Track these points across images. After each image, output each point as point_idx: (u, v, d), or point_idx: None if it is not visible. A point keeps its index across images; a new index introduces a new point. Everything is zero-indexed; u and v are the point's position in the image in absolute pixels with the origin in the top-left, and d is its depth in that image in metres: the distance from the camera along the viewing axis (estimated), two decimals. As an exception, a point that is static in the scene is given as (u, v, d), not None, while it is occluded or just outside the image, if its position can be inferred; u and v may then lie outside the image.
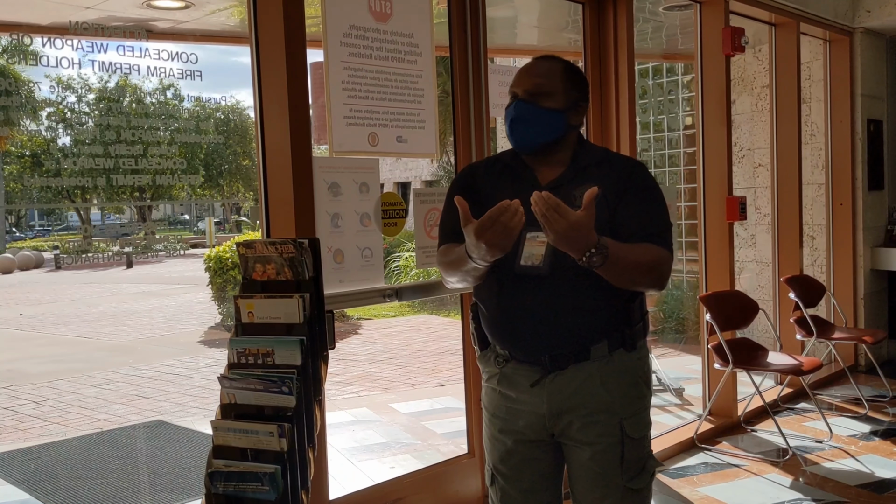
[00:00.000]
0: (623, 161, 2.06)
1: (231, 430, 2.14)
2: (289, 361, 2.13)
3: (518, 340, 1.97)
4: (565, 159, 2.00)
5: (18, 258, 19.60)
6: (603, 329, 1.94)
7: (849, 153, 6.03)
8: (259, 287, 2.23)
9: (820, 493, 3.72)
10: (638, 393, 2.00)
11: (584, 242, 1.69)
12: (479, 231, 1.71)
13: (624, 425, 1.95)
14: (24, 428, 6.04)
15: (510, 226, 1.69)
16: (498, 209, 1.69)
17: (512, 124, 1.97)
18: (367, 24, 2.94)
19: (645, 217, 1.93)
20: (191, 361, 8.57)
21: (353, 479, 4.17)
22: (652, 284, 1.91)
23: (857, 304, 6.10)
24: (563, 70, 2.01)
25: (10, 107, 4.39)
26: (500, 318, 1.99)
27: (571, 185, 1.92)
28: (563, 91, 1.97)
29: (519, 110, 1.96)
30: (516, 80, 2.01)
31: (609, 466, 1.95)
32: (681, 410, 5.09)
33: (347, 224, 2.90)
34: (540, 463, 2.05)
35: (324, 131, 2.86)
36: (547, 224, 1.67)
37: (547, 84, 1.96)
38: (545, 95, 1.95)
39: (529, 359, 1.97)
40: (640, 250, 1.86)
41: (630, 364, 1.98)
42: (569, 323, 1.91)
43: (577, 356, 1.93)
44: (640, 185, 1.97)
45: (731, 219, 4.68)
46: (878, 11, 5.88)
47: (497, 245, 1.72)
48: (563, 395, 1.94)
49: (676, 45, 6.40)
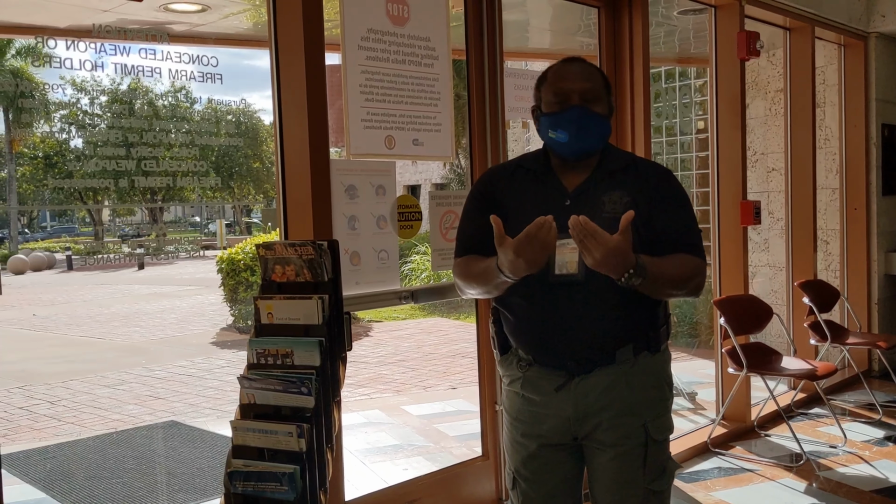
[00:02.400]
0: (651, 167, 2.05)
1: (250, 430, 2.16)
2: (308, 362, 2.14)
3: (545, 346, 1.96)
4: (592, 164, 1.98)
5: (31, 259, 19.71)
6: (629, 333, 1.95)
7: (863, 158, 6.01)
8: (278, 288, 2.25)
9: (834, 498, 3.70)
10: (661, 395, 2.01)
11: (622, 265, 1.70)
12: (519, 249, 1.70)
13: (648, 427, 1.95)
14: (39, 427, 6.08)
15: (547, 240, 1.69)
16: (535, 226, 1.68)
17: (579, 131, 1.90)
18: (384, 28, 2.95)
19: (679, 227, 1.93)
20: (203, 362, 8.60)
21: (366, 481, 4.19)
22: (688, 294, 1.93)
23: (871, 308, 6.07)
24: (601, 74, 2.00)
25: (24, 109, 4.42)
26: (528, 325, 1.98)
27: (598, 191, 1.92)
28: (606, 96, 1.96)
29: (584, 117, 1.90)
30: (563, 81, 1.93)
31: (632, 468, 1.95)
32: (694, 415, 5.08)
33: (364, 226, 2.92)
34: (562, 466, 2.05)
35: (341, 134, 2.88)
36: (584, 250, 1.68)
37: (595, 88, 1.93)
38: (596, 101, 1.92)
39: (554, 363, 1.96)
40: (677, 263, 1.87)
41: (654, 366, 1.99)
42: (597, 329, 1.91)
43: (602, 360, 1.93)
44: (671, 193, 1.96)
45: (746, 223, 4.67)
46: (893, 16, 5.85)
47: (534, 261, 1.72)
48: (588, 399, 1.94)
49: (690, 48, 6.39)
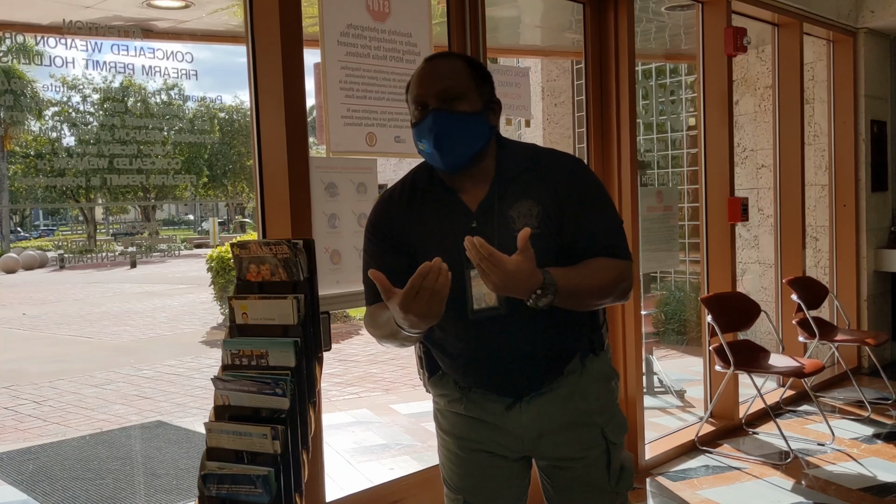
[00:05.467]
0: (556, 162, 1.80)
1: (224, 432, 2.13)
2: (283, 363, 2.11)
3: (486, 378, 1.82)
4: (489, 170, 1.78)
5: (23, 258, 19.63)
6: (572, 346, 1.83)
7: (852, 154, 6.00)
8: (255, 288, 2.22)
9: (822, 496, 3.69)
10: (611, 394, 1.92)
11: (526, 285, 1.54)
12: (405, 305, 1.49)
13: (606, 433, 1.87)
14: (23, 428, 6.03)
15: (436, 289, 1.47)
16: (419, 275, 1.46)
17: (437, 140, 1.68)
18: (365, 24, 2.92)
19: (595, 228, 1.75)
20: (192, 362, 8.57)
21: (351, 481, 4.16)
22: (615, 300, 1.77)
23: (860, 305, 6.07)
24: (467, 66, 1.76)
25: (15, 106, 4.38)
26: (462, 362, 1.83)
27: (504, 205, 1.73)
28: (475, 89, 1.74)
29: (439, 121, 1.68)
30: (419, 87, 1.73)
31: (597, 476, 1.87)
32: (682, 412, 5.07)
33: (345, 224, 2.88)
34: (514, 480, 1.94)
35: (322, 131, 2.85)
36: (482, 275, 1.51)
37: (457, 86, 1.71)
38: (459, 99, 1.70)
39: (499, 391, 1.82)
40: (595, 270, 1.70)
41: (601, 366, 1.89)
42: (536, 355, 1.78)
43: (551, 377, 1.82)
44: (583, 189, 1.77)
45: (733, 220, 4.65)
46: (882, 12, 5.85)
47: (429, 314, 1.50)
48: (544, 418, 1.82)
49: (680, 45, 6.38)
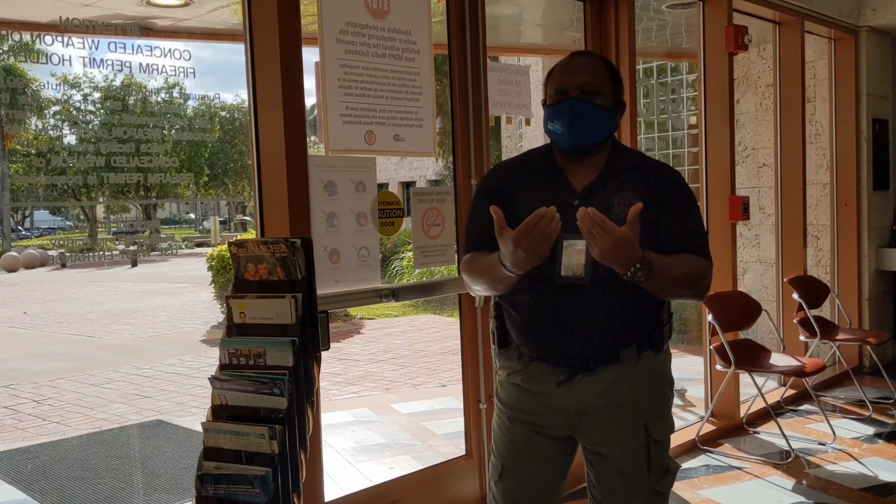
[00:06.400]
0: (659, 167, 2.03)
1: (222, 432, 2.12)
2: (280, 363, 2.10)
3: (550, 344, 1.95)
4: (600, 162, 1.97)
5: (24, 256, 19.64)
6: (634, 333, 1.95)
7: (854, 153, 5.98)
8: (253, 287, 2.21)
9: (823, 496, 3.67)
10: (663, 395, 2.02)
11: (629, 258, 1.70)
12: (518, 239, 1.69)
13: (649, 428, 1.95)
14: (23, 427, 6.02)
15: (547, 232, 1.67)
16: (535, 216, 1.67)
17: (571, 123, 1.90)
18: (364, 21, 2.90)
19: (687, 228, 1.93)
20: (192, 361, 8.56)
21: (351, 480, 4.15)
22: (693, 296, 1.92)
23: (861, 305, 6.05)
24: (608, 68, 1.98)
25: (15, 104, 4.38)
26: (533, 323, 1.97)
27: (607, 191, 1.91)
28: (611, 90, 1.95)
29: (577, 108, 1.90)
30: (564, 75, 1.94)
31: (636, 469, 1.95)
32: (683, 412, 5.05)
33: (343, 223, 2.87)
34: (551, 460, 2.03)
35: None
36: (592, 240, 1.67)
37: (597, 82, 1.93)
38: (597, 94, 1.92)
39: (558, 360, 1.95)
40: (683, 263, 1.86)
41: (657, 366, 1.99)
42: (603, 329, 1.91)
43: (606, 359, 1.93)
44: (680, 194, 1.96)
45: (734, 219, 4.63)
46: (884, 10, 5.82)
47: (535, 252, 1.70)
48: (590, 396, 1.94)
49: (681, 43, 6.36)
